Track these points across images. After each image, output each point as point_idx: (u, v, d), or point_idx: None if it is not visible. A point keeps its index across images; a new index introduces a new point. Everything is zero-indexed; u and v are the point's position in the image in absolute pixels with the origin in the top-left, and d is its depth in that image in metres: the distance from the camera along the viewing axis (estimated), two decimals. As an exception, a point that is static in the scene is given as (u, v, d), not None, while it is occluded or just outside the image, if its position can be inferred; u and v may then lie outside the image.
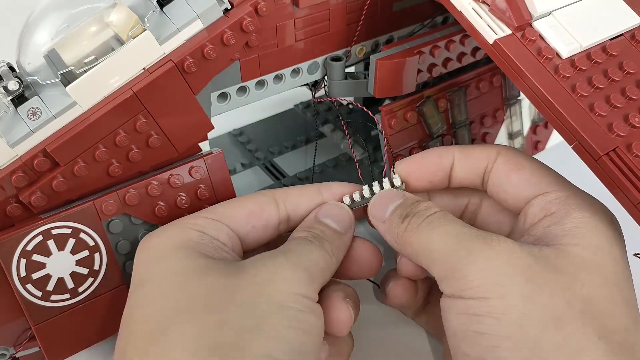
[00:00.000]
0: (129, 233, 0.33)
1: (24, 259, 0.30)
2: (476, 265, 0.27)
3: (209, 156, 0.34)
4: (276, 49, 0.35)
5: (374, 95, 0.37)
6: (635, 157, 0.27)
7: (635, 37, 0.32)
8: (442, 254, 0.28)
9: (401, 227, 0.30)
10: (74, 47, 0.30)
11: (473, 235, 0.28)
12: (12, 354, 0.32)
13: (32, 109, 0.29)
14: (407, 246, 0.30)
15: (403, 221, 0.30)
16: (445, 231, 0.29)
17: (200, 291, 0.26)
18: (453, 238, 0.28)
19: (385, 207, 0.32)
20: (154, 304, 0.27)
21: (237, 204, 0.32)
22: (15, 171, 0.29)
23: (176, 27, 0.31)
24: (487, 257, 0.27)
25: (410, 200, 0.31)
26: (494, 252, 0.27)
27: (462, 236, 0.28)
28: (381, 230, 0.32)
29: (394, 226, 0.31)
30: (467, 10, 0.31)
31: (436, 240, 0.28)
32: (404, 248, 0.30)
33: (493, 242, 0.27)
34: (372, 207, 0.32)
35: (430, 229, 0.29)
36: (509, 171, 0.31)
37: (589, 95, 0.29)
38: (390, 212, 0.31)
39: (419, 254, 0.29)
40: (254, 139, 0.50)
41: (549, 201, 0.30)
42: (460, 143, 0.41)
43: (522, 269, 0.26)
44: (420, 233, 0.29)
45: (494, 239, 0.28)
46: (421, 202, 0.31)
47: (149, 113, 0.31)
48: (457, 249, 0.28)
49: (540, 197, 0.30)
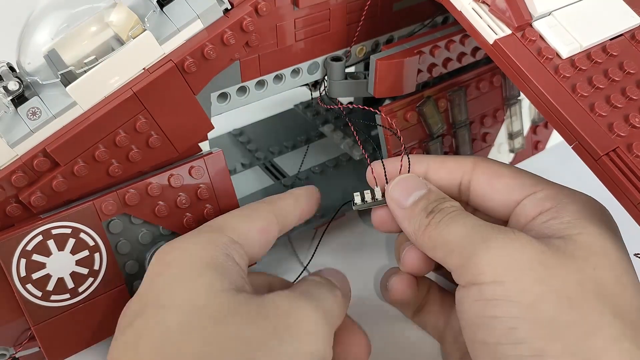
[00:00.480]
0: (129, 233, 0.33)
1: (24, 258, 0.30)
2: (491, 251, 0.27)
3: (209, 156, 0.34)
4: (276, 49, 0.35)
5: (374, 95, 0.37)
6: (636, 157, 0.27)
7: (635, 37, 0.32)
8: (459, 243, 0.29)
9: (425, 222, 0.30)
10: (74, 47, 0.30)
11: (489, 226, 0.29)
12: (12, 354, 0.32)
13: (32, 109, 0.29)
14: (426, 239, 0.30)
15: (427, 216, 0.30)
16: (463, 223, 0.29)
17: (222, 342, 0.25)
18: (470, 229, 0.29)
19: (407, 194, 0.32)
20: (170, 341, 0.25)
21: (249, 222, 0.31)
22: (15, 171, 0.29)
23: (176, 27, 0.31)
24: (502, 244, 0.28)
25: (434, 196, 0.31)
26: (509, 240, 0.28)
27: (479, 227, 0.29)
28: (398, 215, 0.32)
29: (416, 218, 0.31)
30: (467, 10, 0.31)
31: (454, 232, 0.29)
32: (422, 240, 0.30)
33: (508, 232, 0.28)
34: (393, 191, 0.32)
35: (450, 222, 0.30)
36: (490, 180, 0.32)
37: (589, 95, 0.29)
38: (412, 201, 0.31)
39: (436, 246, 0.30)
40: (254, 139, 0.50)
41: (541, 199, 0.30)
42: (460, 143, 0.41)
43: (536, 254, 0.27)
44: (441, 227, 0.30)
45: (509, 230, 0.28)
46: (447, 200, 0.31)
47: (149, 113, 0.31)
48: (473, 238, 0.28)
49: (530, 197, 0.31)
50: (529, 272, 0.27)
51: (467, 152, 0.41)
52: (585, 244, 0.28)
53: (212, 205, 0.34)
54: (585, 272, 0.27)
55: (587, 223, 0.28)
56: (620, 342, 0.25)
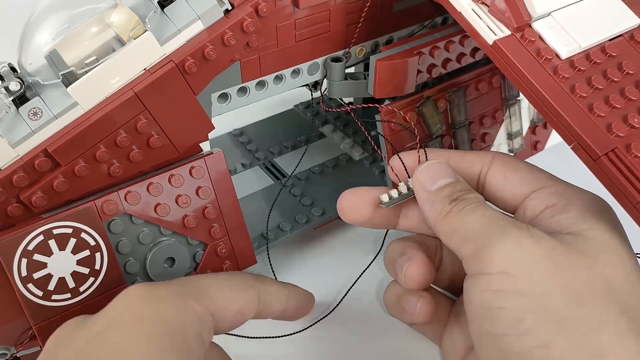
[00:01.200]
0: (130, 233, 0.33)
1: (25, 258, 0.30)
2: (504, 244, 0.28)
3: (209, 156, 0.34)
4: (276, 50, 0.35)
5: (373, 95, 0.37)
6: (634, 157, 0.27)
7: (634, 37, 0.32)
8: (475, 233, 0.29)
9: (447, 208, 0.30)
10: (75, 47, 0.30)
11: (508, 220, 0.29)
12: (13, 353, 0.32)
13: (33, 110, 0.29)
14: (445, 225, 0.30)
15: (451, 203, 0.30)
16: (483, 214, 0.29)
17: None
18: (488, 220, 0.29)
19: (434, 178, 0.32)
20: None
21: (231, 299, 0.30)
22: (17, 171, 0.29)
23: (177, 28, 0.31)
24: (517, 238, 0.28)
25: (460, 186, 0.32)
26: (524, 235, 0.28)
27: (497, 220, 0.29)
28: (421, 197, 0.32)
29: (439, 203, 0.31)
30: (466, 11, 0.31)
31: (473, 221, 0.29)
32: (441, 225, 0.31)
33: (524, 227, 0.28)
34: (421, 174, 0.32)
35: (471, 212, 0.30)
36: (505, 172, 0.33)
37: (588, 95, 0.29)
38: (438, 186, 0.31)
39: (453, 232, 0.30)
40: (254, 139, 0.50)
41: (549, 194, 0.31)
42: (459, 143, 0.41)
43: (548, 250, 0.27)
44: (462, 214, 0.30)
45: (524, 226, 0.29)
46: (472, 191, 0.31)
47: (149, 113, 0.31)
48: (490, 229, 0.28)
49: (539, 191, 0.31)
50: (539, 267, 0.27)
51: (467, 152, 0.41)
52: (595, 240, 0.28)
53: (212, 205, 0.34)
54: (595, 269, 0.27)
55: (594, 219, 0.29)
56: (627, 339, 0.25)
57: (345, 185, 0.44)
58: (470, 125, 0.41)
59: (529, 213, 0.31)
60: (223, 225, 0.35)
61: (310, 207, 0.43)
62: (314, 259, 0.44)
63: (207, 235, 0.35)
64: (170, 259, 0.34)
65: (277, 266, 0.41)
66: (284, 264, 0.43)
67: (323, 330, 0.38)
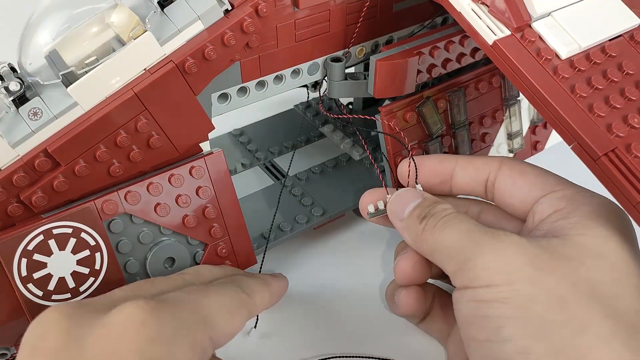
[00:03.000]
0: (130, 233, 0.33)
1: (25, 258, 0.30)
2: (485, 256, 0.28)
3: (209, 156, 0.34)
4: (276, 50, 0.35)
5: (373, 95, 0.37)
6: (634, 157, 0.27)
7: (634, 37, 0.32)
8: (454, 249, 0.29)
9: (419, 227, 0.31)
10: (75, 47, 0.30)
11: (482, 230, 0.29)
12: (13, 353, 0.32)
13: (33, 110, 0.29)
14: (423, 244, 0.31)
15: (421, 222, 0.31)
16: (458, 229, 0.30)
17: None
18: (464, 234, 0.29)
19: (404, 206, 0.33)
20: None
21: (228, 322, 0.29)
22: (17, 171, 0.29)
23: (177, 28, 0.31)
24: (495, 249, 0.28)
25: (427, 202, 0.32)
26: (502, 245, 0.28)
27: (473, 232, 0.29)
28: (399, 228, 0.33)
29: (412, 225, 0.32)
30: (466, 11, 0.31)
31: (449, 238, 0.30)
32: (421, 246, 0.31)
33: (500, 236, 0.29)
34: (391, 205, 0.34)
35: (445, 227, 0.30)
36: (514, 177, 0.33)
37: (588, 95, 0.29)
38: (409, 211, 0.32)
39: (433, 250, 0.31)
40: (254, 139, 0.50)
41: (558, 198, 0.31)
42: (459, 143, 0.41)
43: (530, 258, 0.27)
44: (436, 232, 0.30)
45: (501, 233, 0.29)
46: (439, 203, 0.32)
47: (149, 113, 0.31)
48: (467, 244, 0.29)
49: (548, 195, 0.31)
50: (520, 274, 0.27)
51: (467, 152, 0.42)
52: (582, 245, 0.28)
53: (212, 205, 0.34)
54: (578, 274, 0.27)
55: (594, 225, 0.28)
56: (610, 342, 0.25)
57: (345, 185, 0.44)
58: (470, 125, 0.41)
59: (537, 218, 0.31)
60: (223, 225, 0.35)
61: (310, 207, 0.43)
62: (314, 259, 0.44)
63: (207, 235, 0.35)
64: (171, 259, 0.34)
65: (277, 266, 0.42)
66: (284, 264, 0.43)
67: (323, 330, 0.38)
